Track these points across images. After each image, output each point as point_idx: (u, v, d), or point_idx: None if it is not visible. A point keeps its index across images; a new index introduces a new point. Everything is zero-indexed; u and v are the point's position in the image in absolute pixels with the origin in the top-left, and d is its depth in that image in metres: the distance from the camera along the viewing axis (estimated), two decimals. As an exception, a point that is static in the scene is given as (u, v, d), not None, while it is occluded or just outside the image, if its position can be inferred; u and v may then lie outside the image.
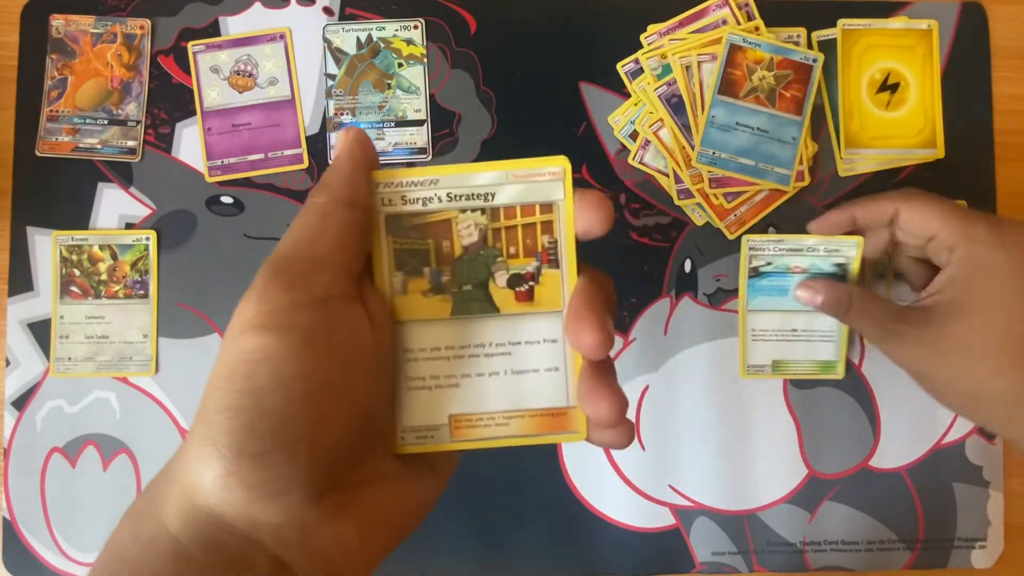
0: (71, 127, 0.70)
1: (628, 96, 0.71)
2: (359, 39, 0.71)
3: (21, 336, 0.69)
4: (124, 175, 0.70)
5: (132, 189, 0.70)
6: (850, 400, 0.70)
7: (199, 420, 0.32)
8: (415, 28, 0.71)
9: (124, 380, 0.69)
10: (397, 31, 0.71)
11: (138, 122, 0.70)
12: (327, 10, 0.71)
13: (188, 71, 0.71)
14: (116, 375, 0.69)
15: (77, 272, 0.69)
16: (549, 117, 0.71)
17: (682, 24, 0.70)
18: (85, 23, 0.71)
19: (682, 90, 0.69)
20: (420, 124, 0.71)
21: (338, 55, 0.71)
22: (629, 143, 0.71)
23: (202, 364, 0.69)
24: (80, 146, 0.70)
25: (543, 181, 0.37)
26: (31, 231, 0.70)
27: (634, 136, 0.70)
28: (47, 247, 0.70)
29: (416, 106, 0.71)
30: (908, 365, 0.59)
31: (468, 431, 0.38)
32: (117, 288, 0.69)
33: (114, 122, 0.70)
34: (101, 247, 0.69)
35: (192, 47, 0.71)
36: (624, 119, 0.71)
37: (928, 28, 0.71)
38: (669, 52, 0.69)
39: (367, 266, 0.38)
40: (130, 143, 0.70)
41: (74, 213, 0.70)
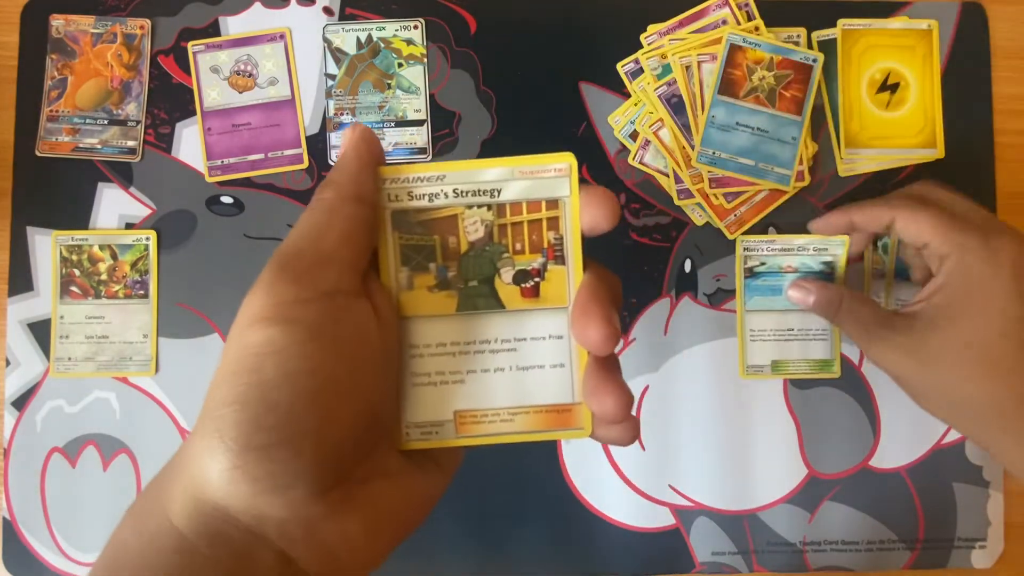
0: (71, 127, 0.70)
1: (628, 96, 0.71)
2: (359, 39, 0.71)
3: (21, 336, 0.69)
4: (124, 175, 0.70)
5: (132, 189, 0.70)
6: (850, 400, 0.70)
7: (204, 414, 0.32)
8: (415, 28, 0.71)
9: (124, 380, 0.69)
10: (397, 31, 0.71)
11: (138, 122, 0.70)
12: (327, 10, 0.71)
13: (188, 71, 0.71)
14: (116, 375, 0.69)
15: (77, 272, 0.69)
16: (549, 117, 0.71)
17: (682, 24, 0.70)
18: (85, 23, 0.71)
19: (682, 90, 0.69)
20: (420, 124, 0.71)
21: (338, 55, 0.71)
22: (629, 143, 0.71)
23: (202, 364, 0.69)
24: (80, 146, 0.70)
25: (549, 177, 0.37)
26: (31, 231, 0.70)
27: (634, 136, 0.71)
28: (47, 247, 0.69)
29: (416, 106, 0.71)
30: (890, 369, 0.60)
31: (473, 427, 0.38)
32: (117, 288, 0.69)
33: (114, 122, 0.70)
34: (101, 247, 0.69)
35: (192, 47, 0.71)
36: (624, 119, 0.71)
37: (928, 28, 0.71)
38: (669, 52, 0.69)
39: (373, 262, 0.38)
40: (130, 143, 0.70)
41: (74, 213, 0.70)
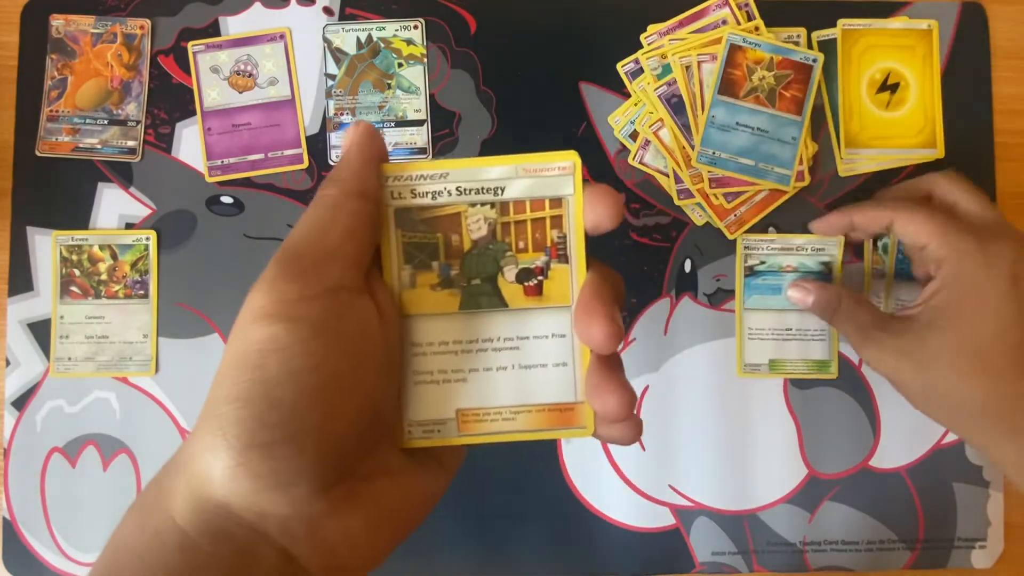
0: (71, 127, 0.70)
1: (628, 96, 0.71)
2: (359, 39, 0.71)
3: (21, 336, 0.69)
4: (124, 175, 0.70)
5: (132, 189, 0.70)
6: (850, 400, 0.70)
7: (207, 411, 0.32)
8: (415, 28, 0.71)
9: (124, 380, 0.69)
10: (397, 31, 0.71)
11: (138, 122, 0.70)
12: (327, 10, 0.71)
13: (188, 71, 0.71)
14: (116, 375, 0.69)
15: (77, 272, 0.69)
16: (549, 117, 0.71)
17: (682, 24, 0.70)
18: (85, 23, 0.71)
19: (682, 90, 0.69)
20: (420, 124, 0.71)
21: (338, 55, 0.71)
22: (629, 143, 0.71)
23: (202, 364, 0.69)
24: (80, 146, 0.70)
25: (553, 176, 0.37)
26: (31, 231, 0.70)
27: (634, 136, 0.71)
28: (47, 247, 0.69)
29: (416, 106, 0.71)
30: (886, 372, 0.60)
31: (475, 425, 0.38)
32: (117, 288, 0.69)
33: (114, 122, 0.70)
34: (101, 247, 0.69)
35: (192, 47, 0.71)
36: (624, 119, 0.71)
37: (928, 28, 0.71)
38: (669, 52, 0.69)
39: (376, 259, 0.38)
40: (130, 143, 0.70)
41: (74, 213, 0.70)
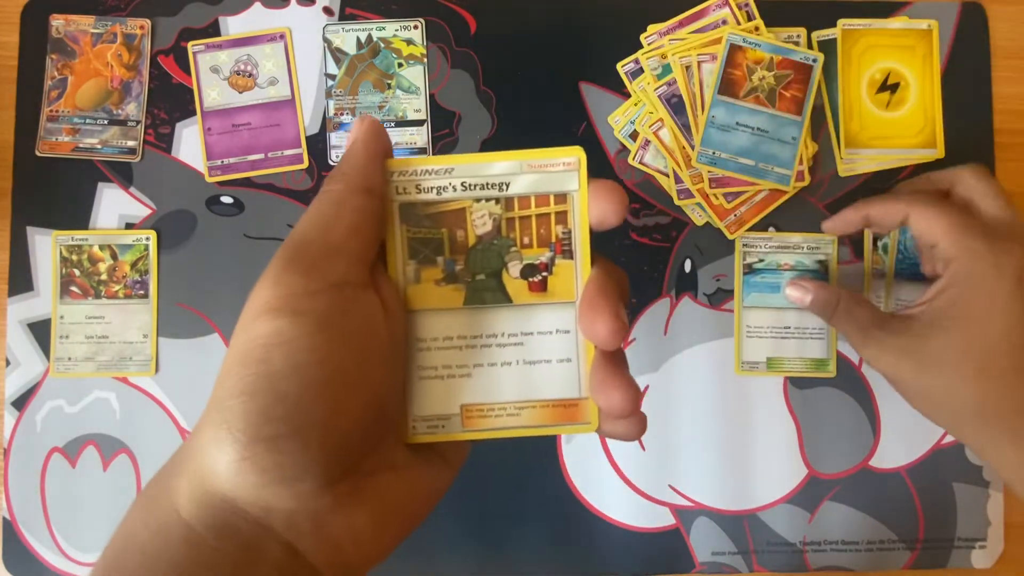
0: (71, 127, 0.70)
1: (628, 96, 0.71)
2: (359, 39, 0.71)
3: (21, 336, 0.69)
4: (124, 175, 0.70)
5: (132, 189, 0.70)
6: (850, 400, 0.70)
7: (212, 405, 0.32)
8: (415, 28, 0.71)
9: (124, 380, 0.69)
10: (397, 31, 0.71)
11: (138, 122, 0.70)
12: (327, 10, 0.71)
13: (188, 71, 0.71)
14: (116, 375, 0.69)
15: (77, 272, 0.69)
16: (549, 117, 0.71)
17: (682, 24, 0.70)
18: (85, 23, 0.70)
19: (682, 90, 0.69)
20: (420, 124, 0.71)
21: (338, 55, 0.71)
22: (629, 143, 0.71)
23: (202, 364, 0.69)
24: (80, 146, 0.70)
25: (558, 171, 0.37)
26: (31, 231, 0.70)
27: (634, 136, 0.71)
28: (47, 247, 0.69)
29: (416, 106, 0.71)
30: (885, 371, 0.60)
31: (479, 421, 0.38)
32: (117, 288, 0.69)
33: (114, 122, 0.70)
34: (101, 247, 0.69)
35: (192, 47, 0.71)
36: (624, 119, 0.71)
37: (928, 28, 0.71)
38: (669, 52, 0.69)
39: (380, 254, 0.38)
40: (130, 143, 0.70)
41: (74, 213, 0.70)
